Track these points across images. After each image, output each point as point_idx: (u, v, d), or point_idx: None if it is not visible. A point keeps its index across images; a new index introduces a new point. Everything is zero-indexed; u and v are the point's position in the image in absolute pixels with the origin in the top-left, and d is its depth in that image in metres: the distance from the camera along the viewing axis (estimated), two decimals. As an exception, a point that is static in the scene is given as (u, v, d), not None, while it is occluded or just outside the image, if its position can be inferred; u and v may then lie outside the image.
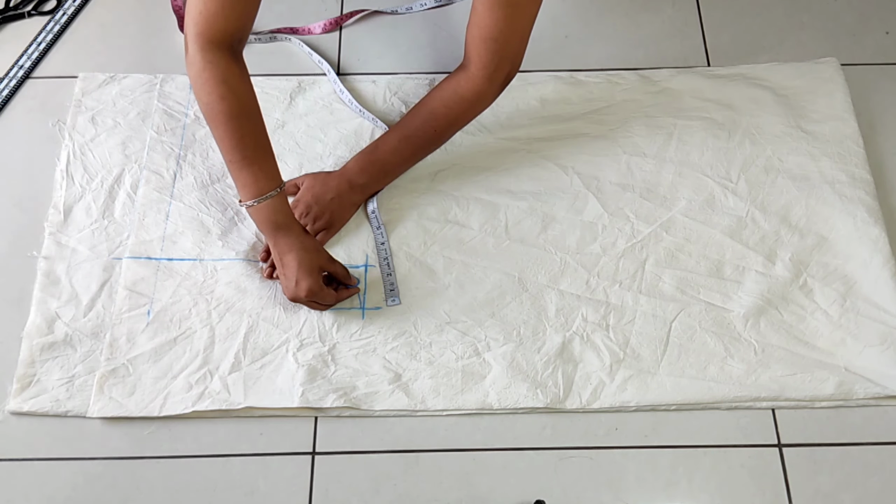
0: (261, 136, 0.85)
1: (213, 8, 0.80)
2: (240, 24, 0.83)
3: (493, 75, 0.92)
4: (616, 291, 0.92)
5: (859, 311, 0.90)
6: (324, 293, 0.88)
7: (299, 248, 0.86)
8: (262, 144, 0.86)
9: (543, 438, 0.86)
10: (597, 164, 1.01)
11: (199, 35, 0.81)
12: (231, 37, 0.82)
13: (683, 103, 1.05)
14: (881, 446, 0.85)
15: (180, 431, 0.86)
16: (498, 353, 0.89)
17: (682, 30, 1.13)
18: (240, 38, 0.84)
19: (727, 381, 0.87)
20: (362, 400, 0.86)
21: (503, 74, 0.93)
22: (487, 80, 0.92)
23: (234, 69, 0.83)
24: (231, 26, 0.82)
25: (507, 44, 0.89)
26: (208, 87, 0.82)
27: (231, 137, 0.83)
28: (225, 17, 0.81)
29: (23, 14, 1.15)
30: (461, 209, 0.98)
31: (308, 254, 0.87)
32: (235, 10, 0.82)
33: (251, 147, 0.84)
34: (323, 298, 0.88)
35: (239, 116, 0.83)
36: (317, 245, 0.89)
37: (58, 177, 1.00)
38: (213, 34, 0.81)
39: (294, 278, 0.86)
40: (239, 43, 0.84)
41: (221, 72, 0.82)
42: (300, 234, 0.87)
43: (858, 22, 1.14)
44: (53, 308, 0.91)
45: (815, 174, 0.99)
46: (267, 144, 0.86)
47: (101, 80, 1.07)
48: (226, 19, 0.81)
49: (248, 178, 0.84)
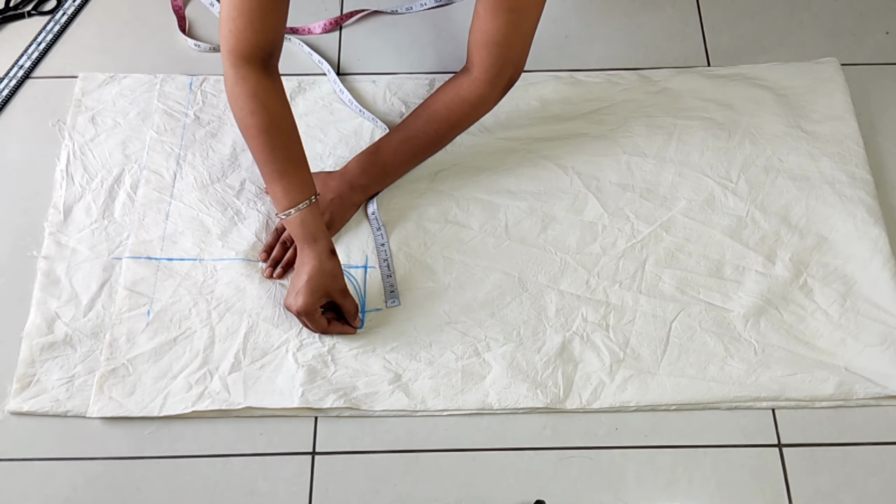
0: (293, 147, 0.86)
1: (242, 24, 0.81)
2: (270, 38, 0.84)
3: (496, 80, 0.92)
4: (616, 291, 0.92)
5: (859, 311, 0.90)
6: (315, 318, 0.87)
7: (317, 265, 0.86)
8: (295, 156, 0.86)
9: (543, 438, 0.86)
10: (597, 164, 1.01)
11: (230, 52, 0.83)
12: (262, 51, 0.84)
13: (683, 103, 1.05)
14: (881, 446, 0.85)
15: (180, 431, 0.86)
16: (498, 353, 0.89)
17: (682, 30, 1.13)
18: (271, 51, 0.85)
19: (727, 381, 0.87)
20: (362, 400, 0.86)
21: (506, 79, 0.93)
22: (490, 84, 0.93)
23: (265, 84, 0.84)
24: (261, 40, 0.83)
25: (510, 48, 0.90)
26: (240, 103, 0.84)
27: (263, 151, 0.84)
28: (254, 31, 0.82)
29: (23, 14, 1.15)
30: (461, 209, 0.98)
31: (322, 276, 0.86)
32: (264, 25, 0.83)
33: (282, 160, 0.85)
34: (313, 322, 0.87)
35: (269, 130, 0.84)
36: (337, 271, 0.88)
37: (58, 177, 1.00)
38: (244, 50, 0.83)
39: (297, 290, 0.86)
40: (271, 57, 0.85)
41: (252, 87, 0.83)
42: (327, 252, 0.87)
43: (858, 22, 1.14)
44: (53, 308, 0.91)
45: (815, 174, 0.99)
46: (300, 156, 0.87)
47: (101, 80, 1.07)
48: (255, 33, 0.82)
49: (279, 191, 0.85)
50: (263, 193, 0.98)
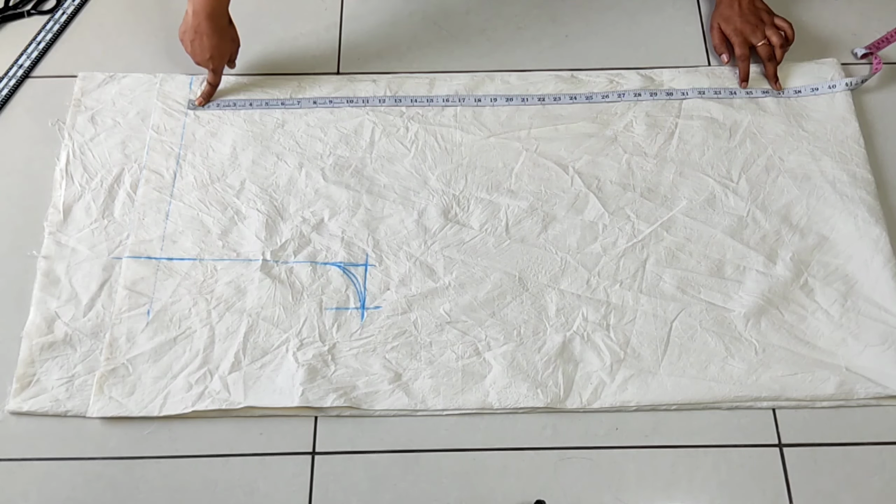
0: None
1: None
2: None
3: None
4: (616, 291, 0.92)
5: (860, 311, 0.90)
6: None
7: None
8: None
9: (543, 438, 0.86)
10: (597, 164, 1.00)
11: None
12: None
13: (684, 103, 1.05)
14: (882, 446, 0.85)
15: (180, 431, 0.86)
16: (498, 352, 0.89)
17: (682, 29, 1.13)
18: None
19: (728, 381, 0.87)
20: (362, 399, 0.86)
21: None
22: None
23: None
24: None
25: None
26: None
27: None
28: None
29: (22, 13, 1.14)
30: (461, 209, 0.98)
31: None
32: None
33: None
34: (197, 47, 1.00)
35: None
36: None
37: (57, 176, 0.99)
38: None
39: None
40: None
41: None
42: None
43: (858, 22, 1.13)
44: (53, 308, 0.91)
45: (816, 174, 0.99)
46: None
47: (101, 79, 1.07)
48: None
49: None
50: (263, 192, 0.98)
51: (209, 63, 1.02)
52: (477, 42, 1.12)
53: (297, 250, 0.95)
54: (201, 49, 1.01)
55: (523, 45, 1.11)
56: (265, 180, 0.99)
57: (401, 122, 1.04)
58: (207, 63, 1.02)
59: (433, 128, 1.03)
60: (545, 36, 1.11)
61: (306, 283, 0.93)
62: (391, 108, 1.05)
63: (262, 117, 1.04)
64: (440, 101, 1.05)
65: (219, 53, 1.02)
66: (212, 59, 1.02)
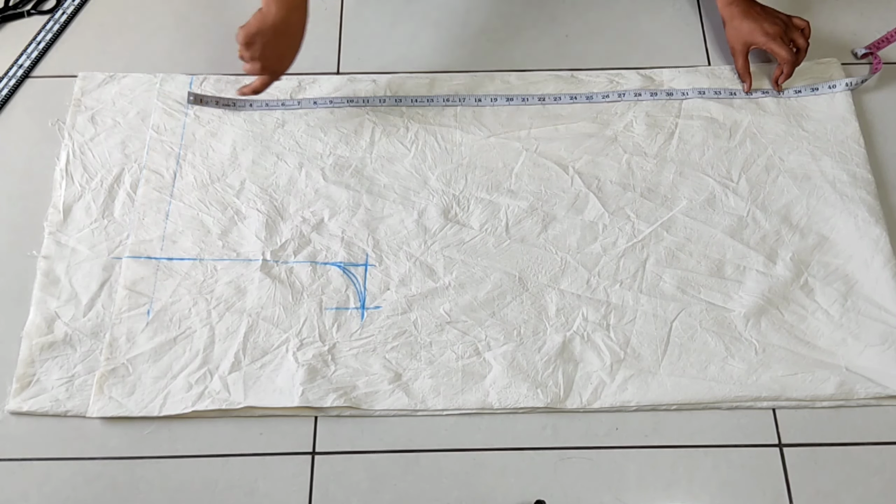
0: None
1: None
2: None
3: None
4: (617, 291, 0.92)
5: (860, 311, 0.90)
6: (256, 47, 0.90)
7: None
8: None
9: (543, 438, 0.86)
10: (597, 164, 1.00)
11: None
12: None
13: (684, 103, 1.05)
14: (882, 446, 0.85)
15: (180, 431, 0.86)
16: (498, 352, 0.89)
17: (682, 29, 1.13)
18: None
19: (728, 381, 0.87)
20: (362, 399, 0.86)
21: None
22: None
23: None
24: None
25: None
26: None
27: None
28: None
29: (22, 13, 1.14)
30: (461, 209, 0.98)
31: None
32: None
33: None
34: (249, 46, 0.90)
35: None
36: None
37: (57, 176, 0.99)
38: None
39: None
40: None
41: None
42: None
43: (858, 22, 1.13)
44: (53, 308, 0.91)
45: (816, 173, 0.99)
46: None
47: (101, 79, 1.07)
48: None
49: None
50: (263, 192, 0.98)
51: (282, 71, 0.96)
52: (477, 42, 1.12)
53: (297, 250, 0.95)
54: (279, 55, 0.92)
55: (523, 45, 1.11)
56: (265, 180, 0.99)
57: (401, 122, 1.04)
58: (280, 72, 0.95)
59: (433, 128, 1.03)
60: (545, 36, 1.11)
61: (306, 283, 0.93)
62: (391, 107, 1.05)
63: (262, 117, 1.04)
64: (440, 101, 1.05)
65: (294, 56, 0.95)
66: (288, 65, 0.94)
